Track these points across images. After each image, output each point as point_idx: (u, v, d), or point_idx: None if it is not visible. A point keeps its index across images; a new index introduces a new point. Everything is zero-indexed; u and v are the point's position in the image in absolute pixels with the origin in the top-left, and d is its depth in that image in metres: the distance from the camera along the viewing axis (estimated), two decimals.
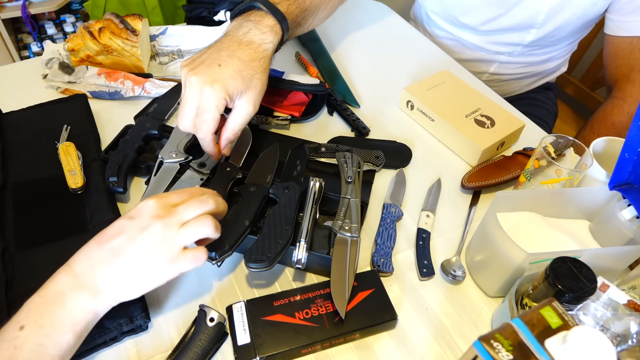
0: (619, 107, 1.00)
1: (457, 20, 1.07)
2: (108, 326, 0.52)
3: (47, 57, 0.86)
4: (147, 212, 0.48)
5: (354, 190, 0.65)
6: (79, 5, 2.11)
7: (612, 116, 1.00)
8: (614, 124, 1.00)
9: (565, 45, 1.09)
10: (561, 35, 1.02)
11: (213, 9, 1.00)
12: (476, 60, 1.12)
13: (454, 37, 1.12)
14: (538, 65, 1.12)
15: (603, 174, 0.65)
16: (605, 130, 1.01)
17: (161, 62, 0.92)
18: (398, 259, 0.64)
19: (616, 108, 1.00)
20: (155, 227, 0.47)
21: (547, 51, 1.09)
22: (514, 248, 0.54)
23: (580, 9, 0.95)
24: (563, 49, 1.11)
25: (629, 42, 0.95)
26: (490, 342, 0.38)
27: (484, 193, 0.74)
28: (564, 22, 0.98)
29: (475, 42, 1.09)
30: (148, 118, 0.74)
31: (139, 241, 0.47)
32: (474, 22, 1.05)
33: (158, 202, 0.49)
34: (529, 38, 1.03)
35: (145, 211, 0.48)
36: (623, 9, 0.93)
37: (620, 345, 0.46)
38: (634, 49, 0.95)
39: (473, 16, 1.04)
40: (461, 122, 0.79)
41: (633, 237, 0.58)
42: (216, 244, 0.55)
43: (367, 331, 0.56)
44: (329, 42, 1.04)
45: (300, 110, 0.84)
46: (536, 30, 1.01)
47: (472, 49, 1.11)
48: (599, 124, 1.03)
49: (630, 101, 0.98)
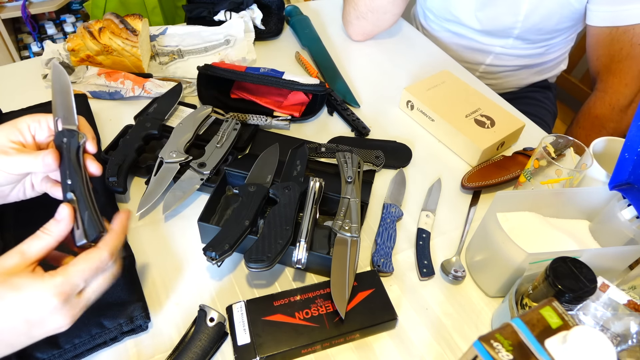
0: (600, 99, 1.00)
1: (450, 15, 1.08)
2: (108, 326, 0.52)
3: (47, 57, 0.86)
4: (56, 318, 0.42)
5: (354, 190, 0.65)
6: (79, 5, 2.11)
7: (595, 109, 1.01)
8: (597, 117, 1.00)
9: (560, 39, 1.08)
10: (549, 27, 1.02)
11: (213, 9, 1.00)
12: (472, 50, 1.12)
13: (449, 30, 1.12)
14: (534, 57, 1.11)
15: (603, 174, 0.65)
16: (589, 124, 1.02)
17: (161, 62, 0.92)
18: (398, 259, 0.64)
19: (598, 101, 1.00)
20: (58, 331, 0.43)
21: (541, 45, 1.08)
22: (514, 248, 0.54)
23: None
24: (558, 44, 1.10)
25: (609, 33, 0.94)
26: (490, 342, 0.38)
27: (484, 193, 0.74)
28: (548, 12, 0.98)
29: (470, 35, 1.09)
30: (148, 118, 0.74)
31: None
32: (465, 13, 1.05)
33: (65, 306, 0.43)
34: (516, 31, 1.03)
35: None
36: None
37: (620, 345, 0.46)
38: (613, 39, 0.94)
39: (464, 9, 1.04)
40: (461, 122, 0.79)
41: (633, 237, 0.58)
42: (216, 244, 0.55)
43: (367, 331, 0.56)
44: (329, 42, 1.04)
45: (300, 110, 0.84)
46: (521, 23, 1.01)
47: (468, 41, 1.11)
48: (584, 118, 1.03)
49: (611, 92, 0.98)
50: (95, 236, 0.46)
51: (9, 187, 0.51)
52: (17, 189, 0.52)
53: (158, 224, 0.66)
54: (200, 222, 0.60)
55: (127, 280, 0.56)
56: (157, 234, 0.65)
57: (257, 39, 1.00)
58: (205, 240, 0.63)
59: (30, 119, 0.50)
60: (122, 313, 0.53)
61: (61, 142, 0.49)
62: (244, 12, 1.00)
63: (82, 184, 0.48)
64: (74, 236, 0.46)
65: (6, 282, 0.40)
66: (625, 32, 0.92)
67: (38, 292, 0.40)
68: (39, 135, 0.51)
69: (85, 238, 0.46)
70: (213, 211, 0.65)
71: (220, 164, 0.70)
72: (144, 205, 0.64)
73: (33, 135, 0.51)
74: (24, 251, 0.43)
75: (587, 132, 1.03)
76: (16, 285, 0.40)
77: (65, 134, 0.49)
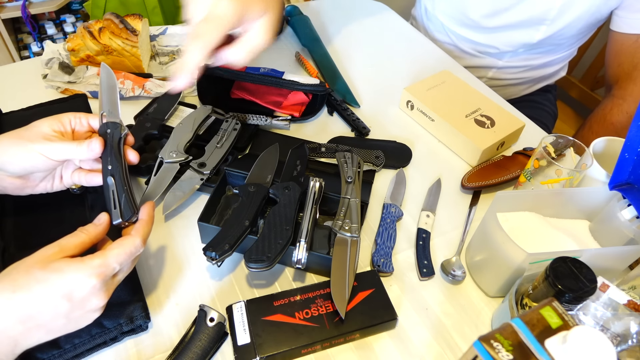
0: (618, 106, 0.99)
1: (464, 17, 1.05)
2: (108, 326, 0.52)
3: (47, 57, 0.86)
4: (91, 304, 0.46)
5: (354, 190, 0.65)
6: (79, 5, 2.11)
7: (612, 116, 1.00)
8: (612, 124, 0.99)
9: (567, 48, 1.08)
10: (570, 33, 1.01)
11: None
12: (474, 66, 1.11)
13: (453, 42, 1.12)
14: (537, 69, 1.11)
15: (603, 174, 0.65)
16: (604, 130, 1.01)
17: (161, 62, 0.92)
18: (398, 259, 0.64)
19: (615, 107, 1.00)
20: (94, 314, 0.47)
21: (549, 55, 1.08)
22: (514, 248, 0.54)
23: (592, 4, 0.94)
24: (563, 54, 1.10)
25: (635, 40, 0.94)
26: (490, 342, 0.38)
27: (484, 193, 0.74)
28: (576, 17, 0.97)
29: (479, 40, 1.08)
30: (148, 118, 0.74)
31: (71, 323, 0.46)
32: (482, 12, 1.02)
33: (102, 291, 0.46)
34: (538, 36, 1.01)
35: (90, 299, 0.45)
36: (633, 6, 0.92)
37: (620, 345, 0.46)
38: (638, 47, 0.94)
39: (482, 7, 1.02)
40: (461, 122, 0.79)
41: (633, 237, 0.58)
42: (216, 244, 0.55)
43: (367, 331, 0.56)
44: (329, 42, 1.04)
45: (300, 110, 0.84)
46: (546, 27, 1.00)
47: (471, 55, 1.11)
48: (598, 124, 1.02)
49: (630, 100, 0.97)
50: (129, 216, 0.52)
51: (41, 175, 0.56)
52: (47, 179, 0.57)
53: (158, 224, 0.66)
54: (200, 222, 0.60)
55: (127, 280, 0.55)
56: (157, 234, 0.64)
57: None
58: (205, 240, 0.63)
59: (72, 115, 0.56)
60: (122, 313, 0.53)
61: (105, 132, 0.55)
62: None
63: (121, 169, 0.54)
64: (111, 215, 0.52)
65: (49, 267, 0.43)
66: None
67: (79, 273, 0.44)
68: (78, 130, 0.57)
69: (121, 217, 0.52)
70: (213, 211, 0.65)
71: (220, 164, 0.70)
72: None
73: (73, 128, 0.56)
74: (62, 244, 0.46)
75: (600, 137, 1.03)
76: (58, 268, 0.43)
77: (109, 126, 0.55)
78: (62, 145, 0.52)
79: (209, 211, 0.63)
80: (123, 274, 0.50)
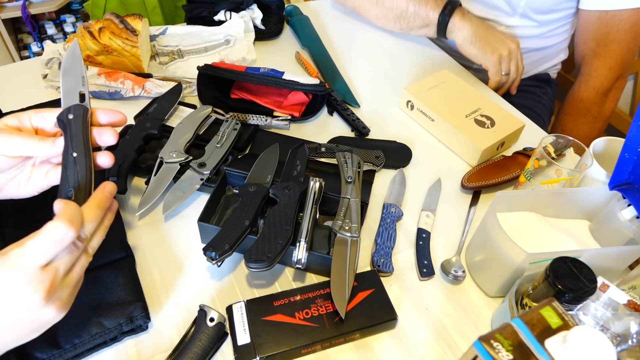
0: (585, 82, 1.02)
1: None
2: (108, 326, 0.52)
3: (47, 57, 0.86)
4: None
5: (354, 190, 0.65)
6: (79, 5, 2.11)
7: (580, 92, 1.02)
8: (581, 100, 1.02)
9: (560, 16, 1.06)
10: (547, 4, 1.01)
11: (213, 9, 1.00)
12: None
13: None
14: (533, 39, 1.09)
15: (603, 174, 0.65)
16: (574, 109, 1.03)
17: (161, 62, 0.92)
18: (398, 259, 0.64)
19: (582, 84, 1.02)
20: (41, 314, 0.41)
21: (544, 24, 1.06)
22: (514, 248, 0.54)
23: None
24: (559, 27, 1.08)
25: (598, 17, 0.96)
26: (490, 342, 0.38)
27: (484, 193, 0.74)
28: None
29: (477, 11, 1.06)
30: (148, 118, 0.74)
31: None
32: None
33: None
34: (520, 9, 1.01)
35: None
36: None
37: (620, 345, 0.46)
38: (601, 23, 0.96)
39: None
40: (461, 122, 0.79)
41: (633, 237, 0.58)
42: (216, 244, 0.55)
43: (367, 331, 0.56)
44: (329, 42, 1.04)
45: (300, 110, 0.84)
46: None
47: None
48: (569, 103, 1.05)
49: (595, 76, 1.00)
50: (65, 193, 0.46)
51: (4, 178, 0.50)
52: (11, 183, 0.50)
53: (158, 224, 0.66)
54: (200, 222, 0.60)
55: (127, 280, 0.56)
56: (157, 234, 0.65)
57: (257, 39, 1.00)
58: (205, 240, 0.63)
59: (33, 112, 0.50)
60: (122, 313, 0.53)
61: (66, 117, 0.49)
62: (244, 12, 1.00)
63: (83, 147, 0.48)
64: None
65: None
66: (613, 17, 0.94)
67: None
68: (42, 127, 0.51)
69: (59, 194, 0.46)
70: (213, 211, 0.65)
71: (220, 164, 0.70)
72: (144, 206, 0.64)
73: (35, 127, 0.51)
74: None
75: (572, 117, 1.05)
76: None
77: (71, 110, 0.49)
78: (19, 140, 0.47)
79: (209, 211, 0.63)
80: (77, 270, 0.43)
